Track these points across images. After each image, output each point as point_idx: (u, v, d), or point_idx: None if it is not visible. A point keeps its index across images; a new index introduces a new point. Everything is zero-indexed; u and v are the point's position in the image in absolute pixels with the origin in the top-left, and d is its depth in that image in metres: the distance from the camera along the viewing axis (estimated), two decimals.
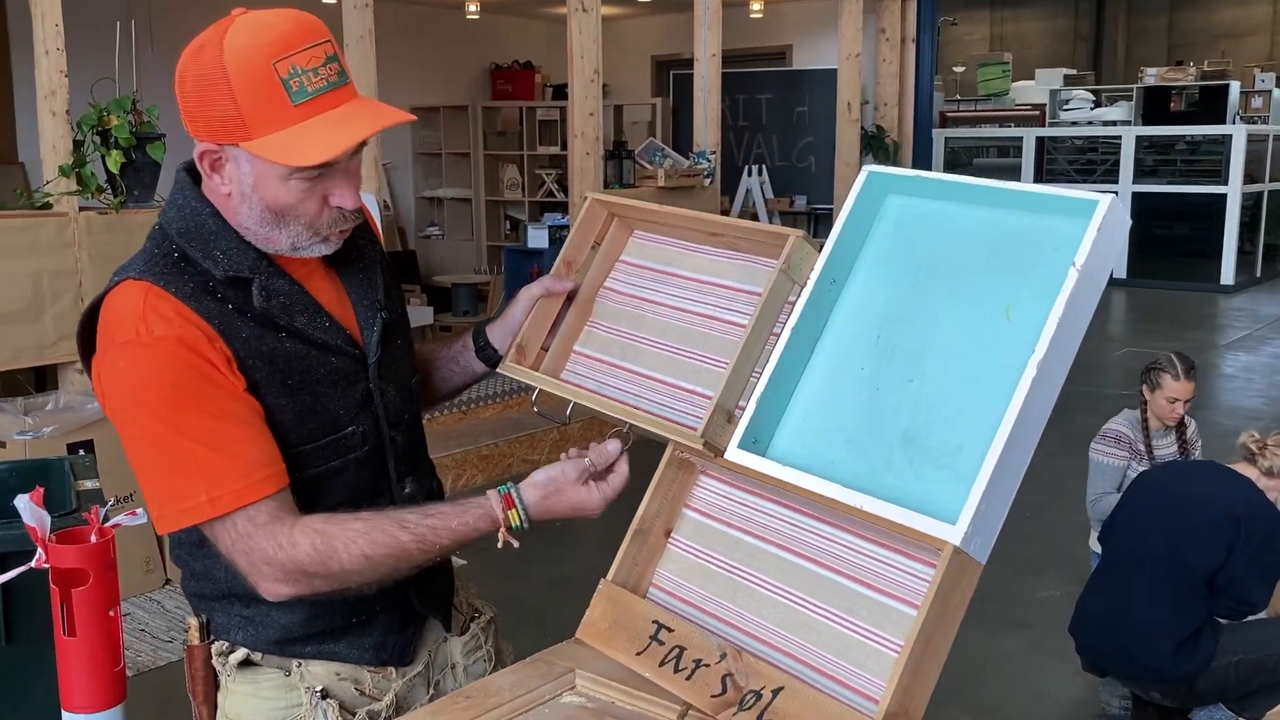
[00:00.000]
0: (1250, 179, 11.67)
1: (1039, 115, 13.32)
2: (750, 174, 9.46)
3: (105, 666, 1.93)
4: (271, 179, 1.35)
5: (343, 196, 1.39)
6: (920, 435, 1.29)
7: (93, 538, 1.94)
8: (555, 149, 9.94)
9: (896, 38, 9.45)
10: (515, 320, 1.66)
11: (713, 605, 1.46)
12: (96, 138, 4.38)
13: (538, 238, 7.66)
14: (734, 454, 1.38)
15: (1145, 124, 12.48)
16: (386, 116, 1.38)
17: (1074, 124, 13.03)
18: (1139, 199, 11.65)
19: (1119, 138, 12.16)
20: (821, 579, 1.37)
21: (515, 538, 1.42)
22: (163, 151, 4.46)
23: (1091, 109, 13.09)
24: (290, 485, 1.40)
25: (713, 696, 1.32)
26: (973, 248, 1.35)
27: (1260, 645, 2.92)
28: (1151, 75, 12.95)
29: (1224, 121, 12.01)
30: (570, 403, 1.60)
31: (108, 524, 1.99)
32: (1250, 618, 2.97)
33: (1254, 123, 12.49)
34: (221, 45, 1.30)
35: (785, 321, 1.43)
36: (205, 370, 1.32)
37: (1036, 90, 14.05)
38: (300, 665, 1.49)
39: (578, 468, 1.43)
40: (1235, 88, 12.47)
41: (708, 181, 7.33)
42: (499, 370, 1.68)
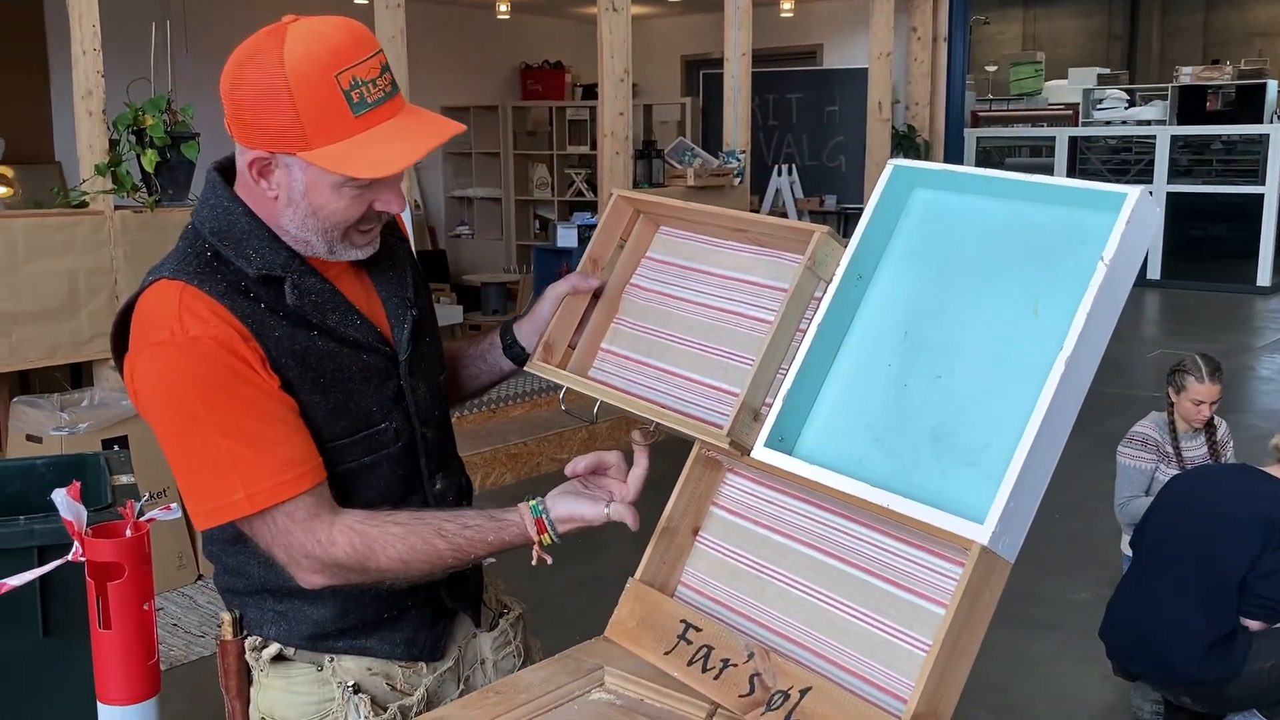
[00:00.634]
0: None
1: (1072, 115, 13.21)
2: (780, 173, 9.43)
3: (140, 659, 1.96)
4: (324, 187, 1.37)
5: (388, 202, 1.42)
6: (948, 433, 1.28)
7: (128, 532, 1.97)
8: (585, 148, 9.94)
9: (928, 36, 9.39)
10: (542, 318, 1.67)
11: (741, 604, 1.46)
12: (132, 137, 4.43)
13: (567, 237, 7.68)
14: (760, 453, 1.38)
15: (1180, 123, 12.35)
16: (441, 130, 1.40)
17: (1107, 123, 12.91)
18: (1173, 199, 11.53)
19: (1153, 137, 12.03)
20: (850, 578, 1.37)
21: (547, 554, 1.47)
22: (197, 151, 4.50)
23: (1125, 108, 12.97)
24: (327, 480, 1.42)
25: (740, 696, 1.32)
26: (1000, 242, 1.34)
27: None
28: (1187, 74, 12.82)
29: (1260, 121, 11.86)
30: (597, 401, 1.60)
31: (142, 519, 2.02)
32: None
33: None
34: (281, 55, 1.31)
35: (811, 318, 1.42)
36: (239, 369, 1.34)
37: (1069, 89, 13.93)
38: (332, 660, 1.51)
39: (597, 518, 1.45)
40: (1273, 86, 12.32)
41: (737, 181, 7.31)
42: (526, 369, 1.69)
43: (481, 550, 1.42)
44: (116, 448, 3.93)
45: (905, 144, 9.16)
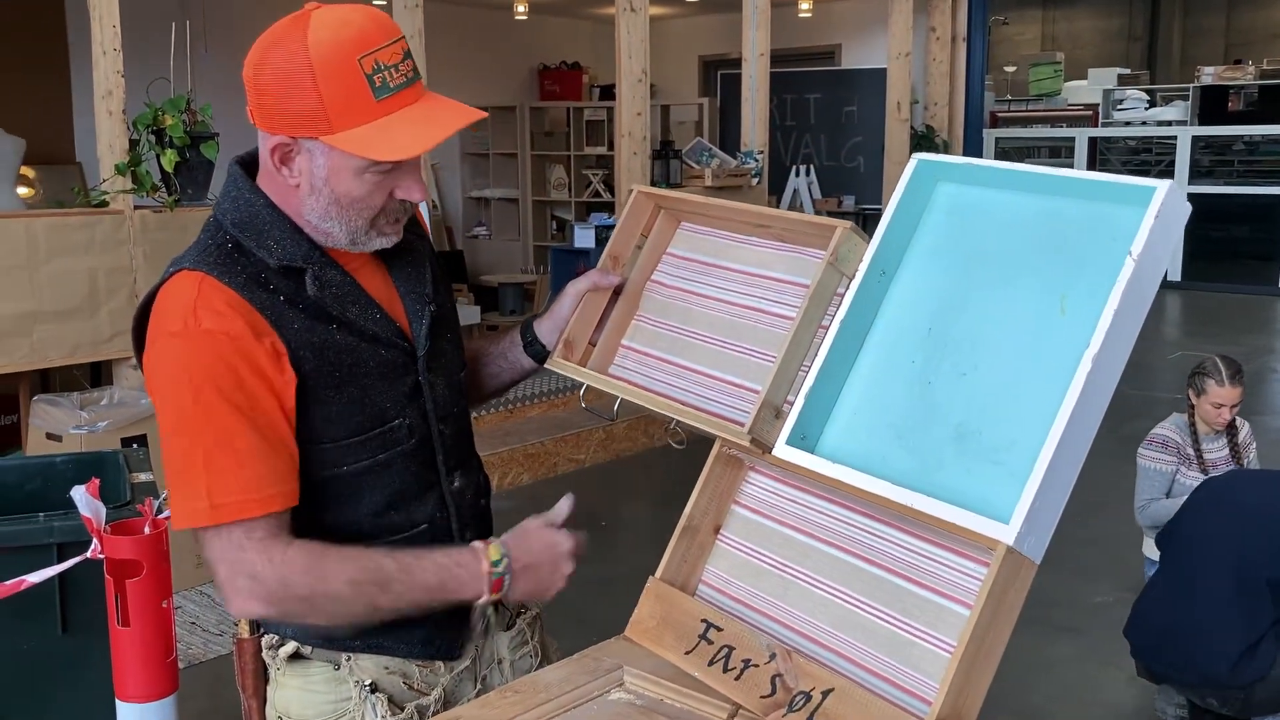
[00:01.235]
0: None
1: (1092, 115, 13.13)
2: (798, 174, 9.41)
3: (158, 657, 1.96)
4: (346, 173, 1.36)
5: (410, 189, 1.41)
6: (973, 431, 1.26)
7: (146, 529, 1.97)
8: (602, 149, 9.94)
9: (947, 37, 9.35)
10: (562, 315, 1.66)
11: (763, 604, 1.44)
12: (152, 137, 4.44)
13: (584, 237, 7.67)
14: (782, 450, 1.36)
15: (1202, 124, 12.26)
16: (463, 115, 1.39)
17: (1127, 124, 12.84)
18: (1195, 200, 10.95)
19: (1174, 138, 11.95)
20: (874, 577, 1.35)
21: (495, 589, 1.44)
22: (216, 150, 4.51)
23: (1146, 109, 12.89)
24: (333, 483, 1.41)
25: (762, 697, 1.31)
26: (1025, 237, 1.32)
27: None
28: (1209, 74, 12.72)
29: None
30: (618, 399, 1.59)
31: (161, 516, 2.02)
32: None
33: None
34: (305, 39, 1.31)
35: (833, 314, 1.40)
36: (243, 374, 1.32)
37: (1089, 90, 13.85)
38: (349, 659, 1.49)
39: (542, 518, 1.52)
40: None
41: (755, 181, 7.30)
42: (547, 366, 1.68)
43: (429, 570, 1.41)
44: (135, 446, 3.94)
45: (924, 144, 9.13)
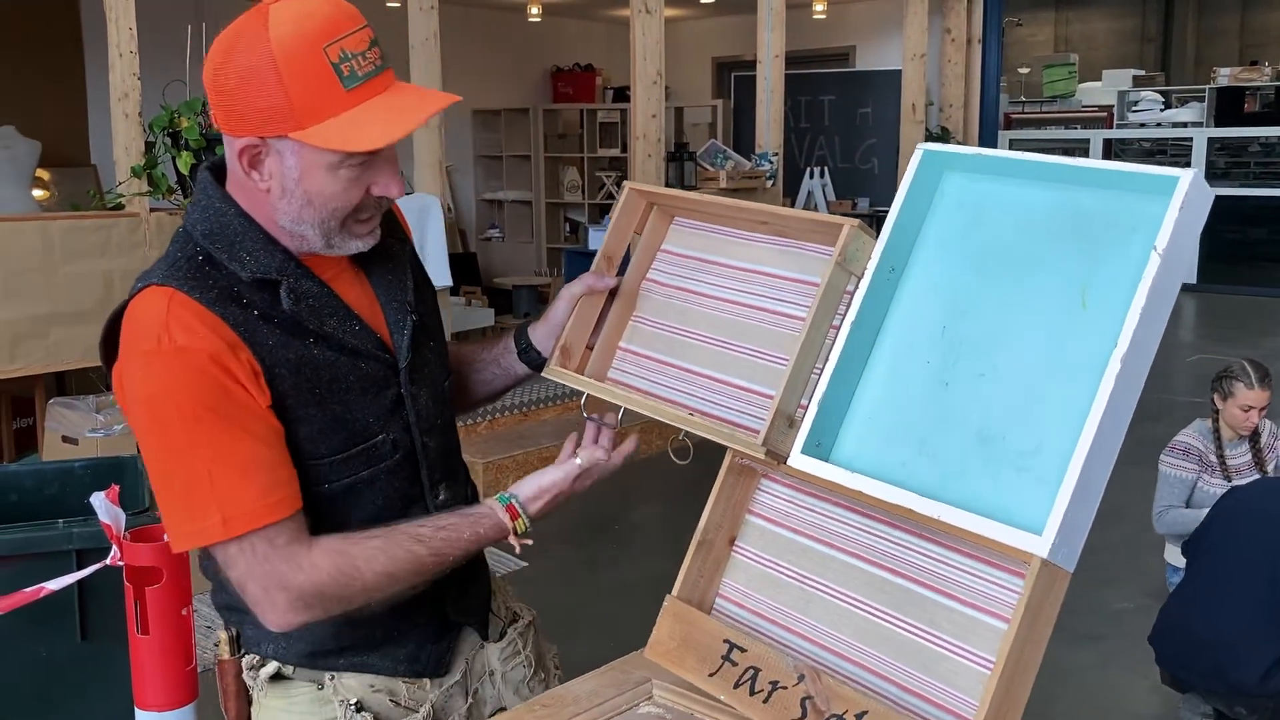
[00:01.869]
0: None
1: (1106, 117, 13.07)
2: (812, 176, 9.38)
3: (177, 665, 1.94)
4: (319, 170, 1.30)
5: (387, 185, 1.34)
6: (996, 435, 1.22)
7: (166, 536, 1.95)
8: (615, 151, 9.94)
9: (962, 38, 9.32)
10: (558, 321, 1.60)
11: (784, 617, 1.40)
12: (167, 139, 4.45)
13: (597, 239, 7.66)
14: (798, 460, 1.31)
15: (1217, 125, 12.20)
16: (435, 100, 1.33)
17: (1142, 125, 12.78)
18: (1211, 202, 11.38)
19: (1190, 139, 11.89)
20: (898, 588, 1.31)
21: (526, 538, 1.44)
22: None
23: (1161, 110, 12.82)
24: (314, 502, 1.36)
25: None
26: (1040, 229, 1.26)
27: None
28: (1224, 75, 12.64)
29: None
30: (620, 408, 1.53)
31: None
32: None
33: None
34: (266, 34, 1.24)
35: (842, 313, 1.35)
36: (227, 385, 1.27)
37: (1103, 91, 13.79)
38: (333, 678, 1.45)
39: (569, 475, 1.46)
40: None
41: (769, 183, 7.28)
42: (544, 374, 1.62)
43: (459, 549, 1.38)
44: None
45: None
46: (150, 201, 4.51)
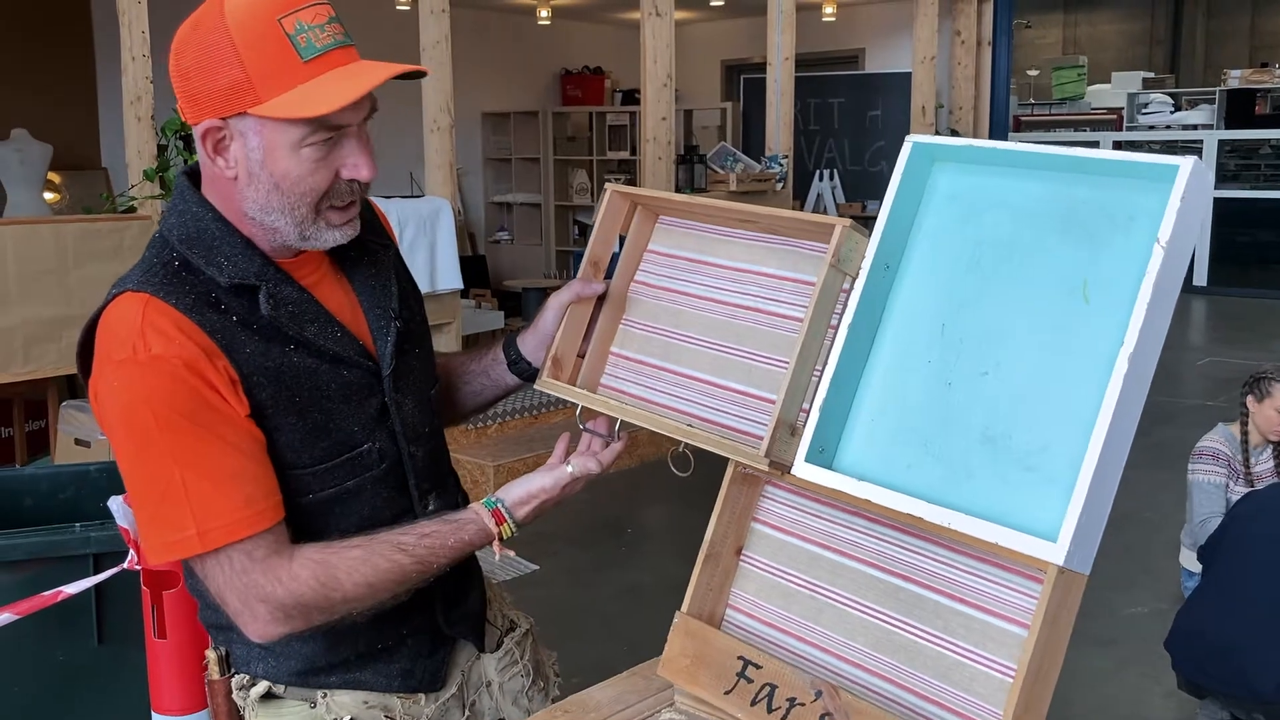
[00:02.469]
0: None
1: (1116, 119, 13.05)
2: (821, 178, 9.38)
3: (194, 669, 1.94)
4: (282, 149, 1.25)
5: (356, 167, 1.29)
6: (1001, 434, 1.19)
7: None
8: (624, 154, 9.94)
9: (972, 41, 9.31)
10: (547, 330, 1.56)
11: (797, 627, 1.38)
12: (180, 142, 4.46)
13: None
14: (802, 469, 1.28)
15: (1228, 128, 12.17)
16: (397, 67, 1.29)
17: (1151, 128, 12.75)
18: (1221, 204, 11.35)
19: (1200, 142, 11.86)
20: (912, 595, 1.29)
21: (510, 547, 1.41)
22: None
23: (1171, 113, 12.80)
24: (300, 513, 1.33)
25: None
26: (1036, 221, 1.23)
27: None
28: (1235, 77, 12.62)
29: None
30: (617, 420, 1.49)
31: None
32: None
33: None
34: (222, 11, 1.23)
35: (839, 312, 1.32)
36: (204, 394, 1.24)
37: (1112, 94, 13.77)
38: (325, 696, 1.41)
39: (558, 482, 1.43)
40: None
41: (779, 186, 7.28)
42: (536, 386, 1.58)
43: (444, 556, 1.34)
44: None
45: None
46: (162, 204, 4.52)
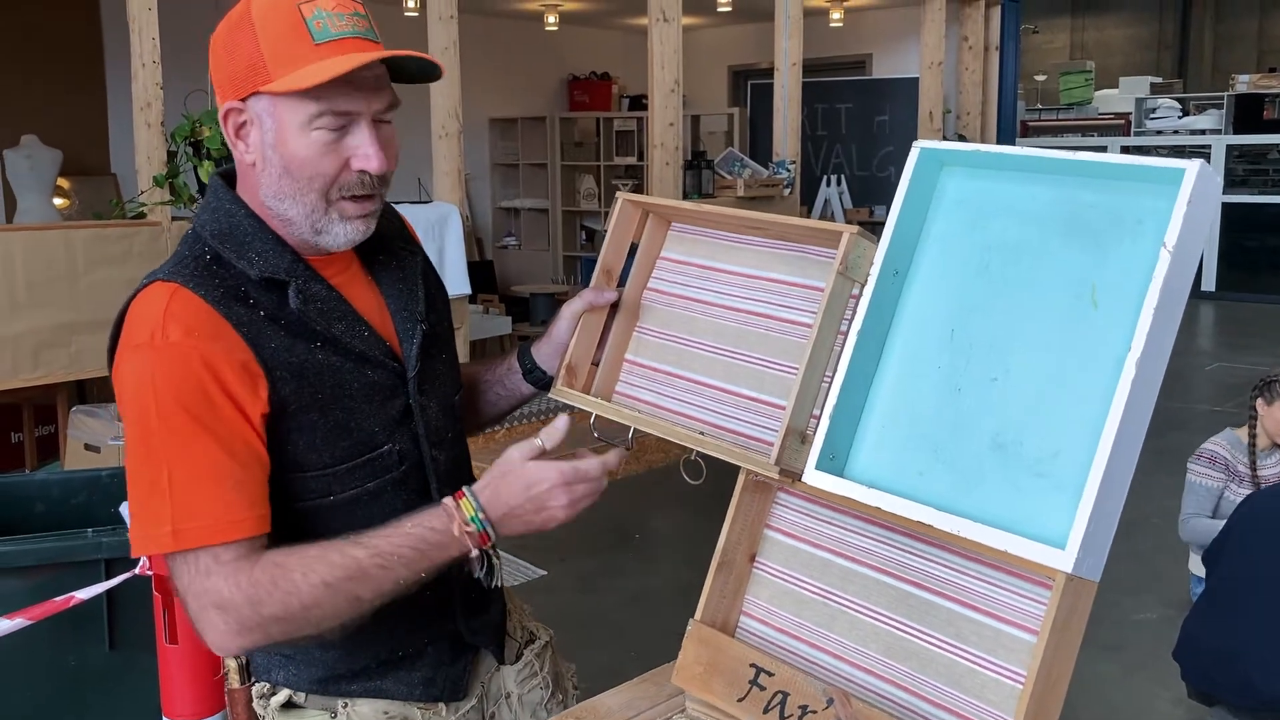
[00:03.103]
0: None
1: (1124, 124, 13.04)
2: (829, 184, 9.38)
3: (205, 675, 1.95)
4: (292, 130, 1.27)
5: (366, 157, 1.30)
6: (1012, 440, 1.19)
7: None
8: (632, 159, 9.95)
9: (979, 46, 9.31)
10: (560, 339, 1.56)
11: (810, 634, 1.38)
12: (189, 149, 4.48)
13: None
14: (812, 477, 1.27)
15: (1236, 133, 12.16)
16: (406, 50, 1.30)
17: (1159, 133, 12.74)
18: (1229, 209, 11.34)
19: (1208, 147, 11.85)
20: (923, 602, 1.29)
21: (483, 541, 1.29)
22: None
23: (1179, 118, 12.78)
24: (319, 515, 1.32)
25: None
26: (1042, 226, 1.23)
27: None
28: (1243, 82, 12.60)
29: None
30: (631, 427, 1.50)
31: None
32: None
33: None
34: (250, 0, 1.28)
35: (848, 319, 1.32)
36: (210, 390, 1.23)
37: (1120, 98, 13.76)
38: (346, 706, 1.41)
39: (523, 449, 1.31)
40: None
41: (787, 191, 7.28)
42: (551, 395, 1.58)
43: (403, 546, 1.25)
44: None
45: None
46: (172, 211, 4.53)
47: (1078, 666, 1.20)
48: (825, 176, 9.45)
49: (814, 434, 1.29)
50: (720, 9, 9.28)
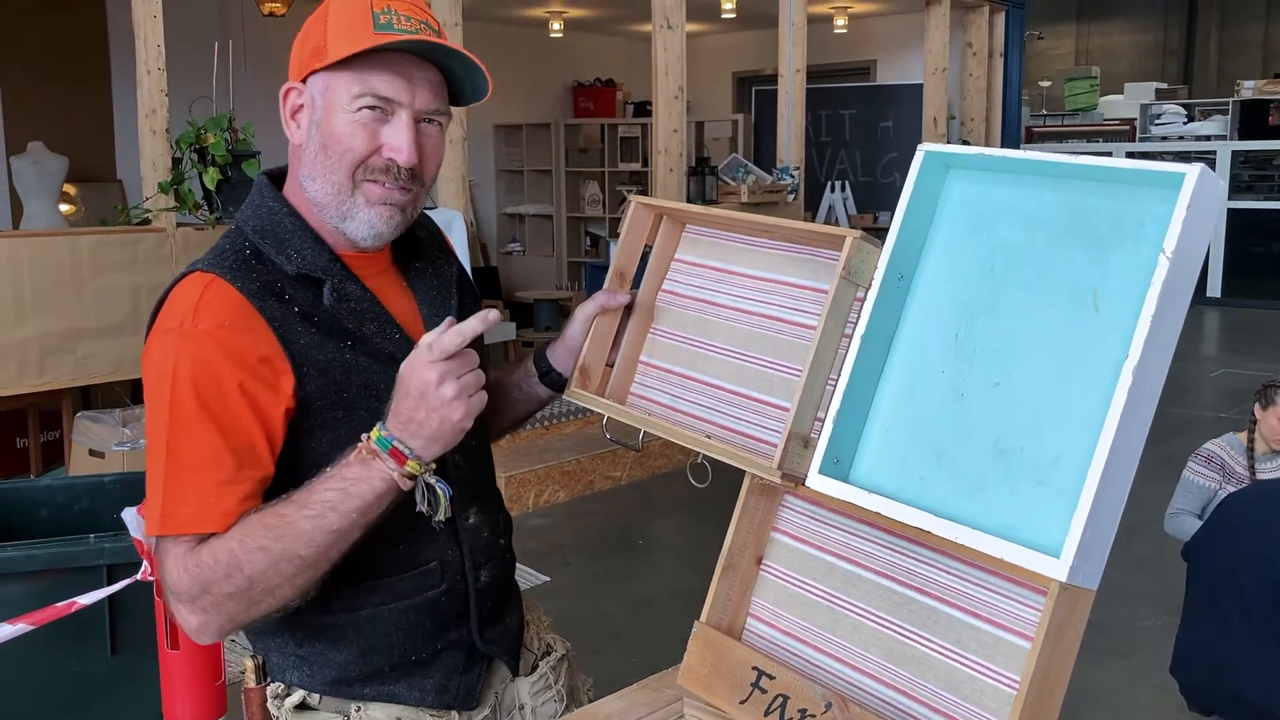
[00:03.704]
0: None
1: (1129, 130, 13.03)
2: (833, 190, 9.39)
3: (207, 680, 1.95)
4: (337, 108, 1.32)
5: (397, 148, 1.33)
6: (1013, 446, 1.19)
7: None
8: (636, 165, 9.97)
9: (984, 52, 9.31)
10: (575, 341, 1.58)
11: (814, 637, 1.39)
12: (194, 155, 4.49)
13: None
14: (815, 481, 1.27)
15: (1242, 139, 12.14)
16: (449, 45, 1.34)
17: (1164, 139, 12.73)
18: (1235, 215, 11.33)
19: (1214, 153, 11.84)
20: (925, 607, 1.30)
21: (398, 460, 1.24)
22: (258, 168, 4.55)
23: (1184, 124, 12.78)
24: None
25: None
26: (1047, 230, 1.23)
27: None
28: (1248, 88, 12.59)
29: None
30: (641, 430, 1.51)
31: None
32: None
33: None
34: None
35: (853, 322, 1.32)
36: (228, 384, 1.26)
37: (1125, 104, 13.75)
38: (359, 709, 1.41)
39: (407, 361, 1.25)
40: None
41: (791, 197, 7.28)
42: (565, 396, 1.60)
43: (329, 491, 1.23)
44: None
45: None
46: (177, 217, 4.55)
47: (1082, 674, 1.20)
48: (829, 182, 9.46)
49: (817, 437, 1.29)
50: (724, 15, 9.30)
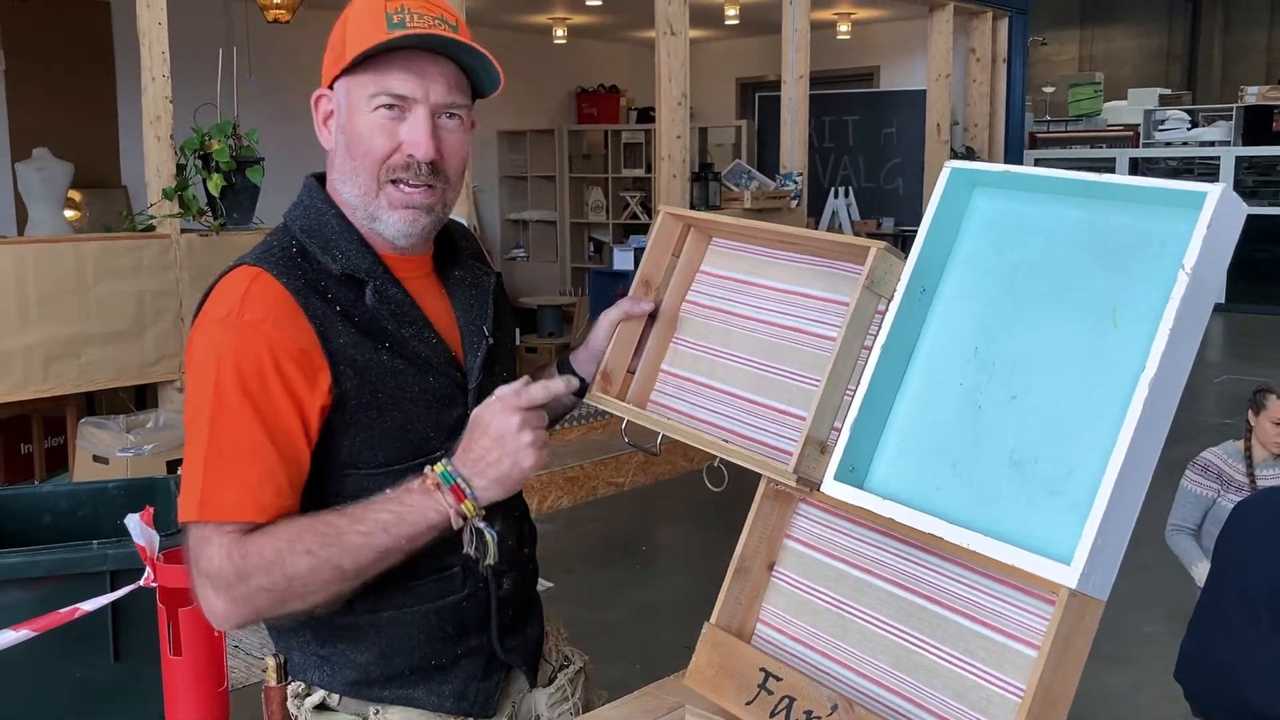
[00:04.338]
0: None
1: (1132, 136, 13.03)
2: (836, 195, 9.39)
3: (210, 686, 1.96)
4: (357, 110, 1.36)
5: (415, 144, 1.36)
6: (1029, 458, 1.20)
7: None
8: (639, 171, 9.97)
9: (987, 58, 9.31)
10: (598, 347, 1.61)
11: (823, 644, 1.39)
12: (198, 161, 4.50)
13: (622, 259, 7.68)
14: (830, 487, 1.29)
15: (1245, 144, 12.13)
16: (452, 37, 1.35)
17: (1168, 144, 12.72)
18: None
19: (1217, 158, 11.83)
20: (934, 615, 1.30)
21: (458, 497, 1.29)
22: (261, 175, 4.56)
23: (1188, 129, 12.77)
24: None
25: None
26: (1069, 247, 1.25)
27: None
28: (1252, 94, 12.58)
29: None
30: (659, 434, 1.54)
31: None
32: None
33: None
34: (353, 2, 1.38)
35: (874, 333, 1.34)
36: (269, 375, 1.28)
37: (1129, 110, 13.75)
38: (378, 712, 1.42)
39: (488, 404, 1.32)
40: None
41: (794, 203, 7.29)
42: (586, 400, 1.62)
43: (383, 512, 1.27)
44: (181, 470, 3.97)
45: None
46: (181, 223, 4.56)
47: (1086, 680, 1.20)
48: (833, 188, 9.46)
49: (834, 445, 1.31)
50: (728, 22, 9.32)
